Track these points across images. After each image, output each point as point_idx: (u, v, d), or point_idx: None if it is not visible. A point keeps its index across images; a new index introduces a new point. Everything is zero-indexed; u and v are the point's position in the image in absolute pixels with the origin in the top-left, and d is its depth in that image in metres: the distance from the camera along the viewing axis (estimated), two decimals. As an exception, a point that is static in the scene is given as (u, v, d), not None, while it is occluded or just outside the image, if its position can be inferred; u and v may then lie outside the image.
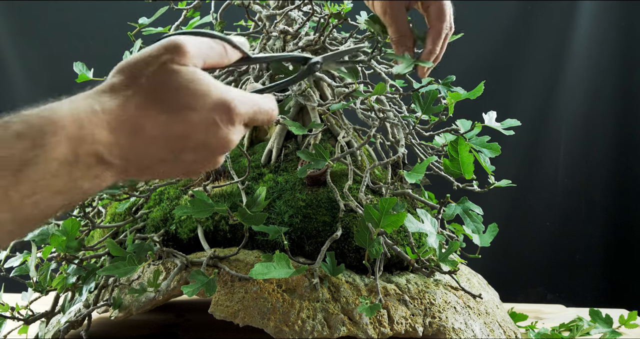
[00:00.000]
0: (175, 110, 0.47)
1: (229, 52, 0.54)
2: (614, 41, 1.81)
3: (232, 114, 0.49)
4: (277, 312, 0.76)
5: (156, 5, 1.04)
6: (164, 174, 0.50)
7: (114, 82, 0.47)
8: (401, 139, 0.91)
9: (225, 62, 0.54)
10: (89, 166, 0.43)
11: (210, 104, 0.48)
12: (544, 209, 1.88)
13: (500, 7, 1.83)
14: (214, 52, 0.52)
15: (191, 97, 0.47)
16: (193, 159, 0.49)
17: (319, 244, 0.84)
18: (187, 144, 0.48)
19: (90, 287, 0.87)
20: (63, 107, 0.44)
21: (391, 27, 0.78)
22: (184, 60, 0.48)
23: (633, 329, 0.95)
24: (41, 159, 0.41)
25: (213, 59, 0.52)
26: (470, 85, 0.85)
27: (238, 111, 0.49)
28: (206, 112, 0.48)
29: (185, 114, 0.47)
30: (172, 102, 0.47)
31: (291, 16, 1.03)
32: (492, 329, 0.85)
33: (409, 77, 0.97)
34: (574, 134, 1.85)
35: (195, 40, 0.50)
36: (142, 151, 0.46)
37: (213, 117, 0.48)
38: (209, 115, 0.48)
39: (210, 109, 0.48)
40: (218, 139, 0.49)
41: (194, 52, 0.49)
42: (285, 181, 0.90)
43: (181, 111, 0.47)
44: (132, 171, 0.47)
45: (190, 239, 0.90)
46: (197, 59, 0.49)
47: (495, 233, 0.84)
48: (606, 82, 1.83)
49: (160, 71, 0.47)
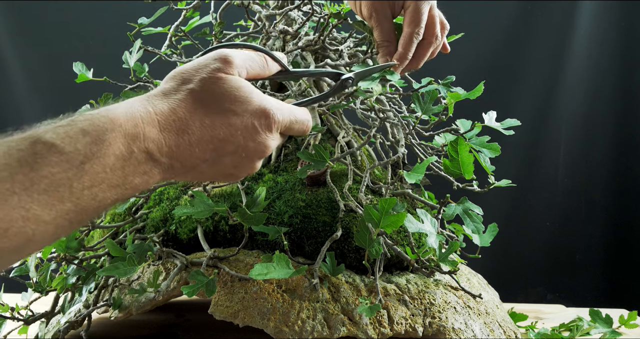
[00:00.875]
0: (219, 113, 0.51)
1: (270, 64, 0.60)
2: (614, 41, 1.81)
3: (271, 120, 0.53)
4: (277, 312, 0.76)
5: (156, 5, 1.04)
6: (206, 176, 0.54)
7: (165, 87, 0.52)
8: (401, 139, 0.91)
9: (266, 73, 0.59)
10: (140, 162, 0.47)
11: (251, 110, 0.52)
12: (544, 209, 1.88)
13: (500, 7, 1.83)
14: (256, 63, 0.57)
15: (234, 103, 0.52)
16: (233, 163, 0.53)
17: (319, 245, 0.84)
18: (228, 147, 0.52)
19: (90, 287, 0.87)
20: (120, 108, 0.48)
21: (376, 31, 0.80)
22: (230, 69, 0.53)
23: (633, 329, 0.95)
24: (101, 154, 0.45)
25: (255, 70, 0.57)
26: (470, 85, 0.85)
27: (276, 118, 0.54)
28: (247, 117, 0.52)
29: (228, 117, 0.51)
30: (216, 106, 0.51)
31: (291, 16, 1.03)
32: (492, 329, 0.85)
33: (409, 77, 0.97)
34: (574, 134, 1.85)
35: (240, 53, 0.56)
36: (187, 151, 0.50)
37: (253, 122, 0.52)
38: (249, 120, 0.52)
39: (251, 115, 0.52)
40: (256, 143, 0.53)
41: (239, 62, 0.54)
42: (285, 181, 0.90)
43: (225, 114, 0.51)
44: (178, 170, 0.51)
45: (190, 240, 0.90)
46: (241, 69, 0.55)
47: (495, 233, 0.84)
48: (606, 82, 1.83)
49: (208, 78, 0.52)
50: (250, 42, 1.10)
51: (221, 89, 0.52)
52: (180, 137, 0.49)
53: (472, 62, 1.83)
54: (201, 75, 0.52)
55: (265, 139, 0.54)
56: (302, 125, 0.58)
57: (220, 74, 0.52)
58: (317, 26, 0.98)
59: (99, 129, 0.45)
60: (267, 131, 0.54)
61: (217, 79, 0.52)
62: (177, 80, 0.52)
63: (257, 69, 0.57)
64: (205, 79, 0.52)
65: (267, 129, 0.53)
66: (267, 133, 0.54)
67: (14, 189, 0.40)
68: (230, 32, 1.05)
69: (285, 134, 0.58)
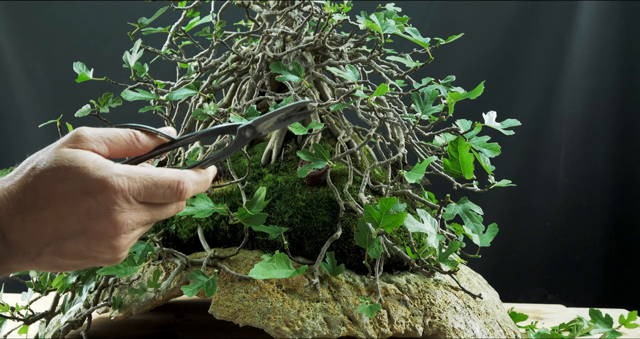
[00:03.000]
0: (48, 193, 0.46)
1: (141, 138, 0.53)
2: (614, 41, 1.81)
3: (110, 191, 0.46)
4: (277, 312, 0.76)
5: (156, 5, 1.04)
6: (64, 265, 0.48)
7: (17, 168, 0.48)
8: (401, 139, 0.91)
9: (138, 148, 0.53)
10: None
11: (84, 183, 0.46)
12: (544, 209, 1.88)
13: (500, 7, 1.83)
14: (119, 138, 0.51)
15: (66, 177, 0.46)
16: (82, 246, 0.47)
17: (319, 244, 0.84)
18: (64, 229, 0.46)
19: (90, 287, 0.87)
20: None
21: None
22: (76, 143, 0.48)
23: (633, 329, 0.95)
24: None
25: (120, 144, 0.51)
26: (470, 85, 0.85)
27: (118, 186, 0.47)
28: (79, 194, 0.46)
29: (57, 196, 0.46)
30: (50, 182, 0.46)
31: (291, 16, 1.03)
32: (492, 329, 0.85)
33: (409, 77, 0.98)
34: (574, 134, 1.85)
35: (97, 129, 0.50)
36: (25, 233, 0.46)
37: (86, 197, 0.46)
38: (81, 196, 0.46)
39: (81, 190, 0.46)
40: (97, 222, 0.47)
41: (91, 137, 0.49)
42: (285, 181, 0.90)
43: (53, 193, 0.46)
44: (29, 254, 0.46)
45: (190, 239, 0.90)
46: (96, 144, 0.49)
47: (495, 233, 0.84)
48: (606, 82, 1.83)
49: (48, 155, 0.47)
50: (250, 42, 1.10)
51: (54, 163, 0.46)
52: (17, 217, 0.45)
53: (472, 62, 1.83)
54: (42, 155, 0.47)
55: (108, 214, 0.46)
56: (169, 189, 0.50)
57: (61, 149, 0.47)
58: (317, 26, 0.98)
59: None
60: (109, 204, 0.46)
61: (56, 154, 0.47)
62: (26, 160, 0.48)
63: (123, 143, 0.51)
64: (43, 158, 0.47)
65: (108, 202, 0.46)
66: (108, 206, 0.46)
67: None
68: (230, 32, 1.05)
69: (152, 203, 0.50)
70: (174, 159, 1.01)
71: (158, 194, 0.49)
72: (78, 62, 0.97)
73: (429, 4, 1.83)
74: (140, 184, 0.48)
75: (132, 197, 0.48)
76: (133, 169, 0.48)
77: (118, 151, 0.51)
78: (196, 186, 0.53)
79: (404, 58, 0.94)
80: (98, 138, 0.49)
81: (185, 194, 0.51)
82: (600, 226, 1.87)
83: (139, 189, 0.48)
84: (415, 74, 0.95)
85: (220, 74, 1.01)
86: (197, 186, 0.53)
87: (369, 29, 0.93)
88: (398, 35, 0.90)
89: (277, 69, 0.87)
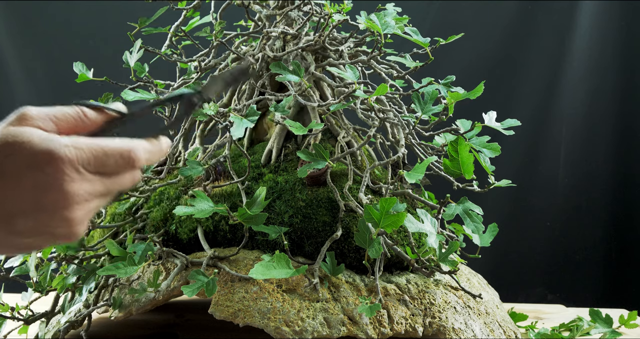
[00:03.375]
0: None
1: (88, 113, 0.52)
2: (614, 41, 1.81)
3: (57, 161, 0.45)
4: (277, 312, 0.76)
5: (156, 5, 1.04)
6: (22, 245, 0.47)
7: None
8: (401, 139, 0.91)
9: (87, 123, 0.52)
10: None
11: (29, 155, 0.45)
12: (544, 209, 1.88)
13: (500, 7, 1.83)
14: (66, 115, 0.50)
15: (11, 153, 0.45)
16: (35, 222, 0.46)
17: (319, 244, 0.84)
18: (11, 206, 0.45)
19: (90, 287, 0.87)
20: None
21: None
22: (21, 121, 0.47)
23: (633, 329, 0.95)
24: None
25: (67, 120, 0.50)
26: (470, 85, 0.85)
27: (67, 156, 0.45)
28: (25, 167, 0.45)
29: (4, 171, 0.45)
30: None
31: (291, 16, 1.03)
32: (492, 329, 0.85)
33: (409, 77, 0.98)
34: (574, 134, 1.85)
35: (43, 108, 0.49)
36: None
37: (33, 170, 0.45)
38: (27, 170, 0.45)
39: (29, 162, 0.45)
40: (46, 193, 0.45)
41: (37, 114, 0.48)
42: (285, 181, 0.90)
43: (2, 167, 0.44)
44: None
45: (190, 239, 0.90)
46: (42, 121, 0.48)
47: (495, 233, 0.84)
48: (606, 82, 1.83)
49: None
50: (250, 42, 1.10)
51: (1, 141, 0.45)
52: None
53: (472, 62, 1.83)
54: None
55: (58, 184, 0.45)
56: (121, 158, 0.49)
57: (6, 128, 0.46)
58: (317, 26, 0.98)
59: None
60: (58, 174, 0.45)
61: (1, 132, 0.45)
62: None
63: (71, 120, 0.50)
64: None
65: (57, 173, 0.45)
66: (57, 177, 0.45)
67: None
68: (230, 32, 1.05)
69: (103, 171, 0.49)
70: (174, 159, 1.01)
71: (109, 163, 0.49)
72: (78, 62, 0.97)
73: (429, 4, 1.83)
74: (89, 154, 0.47)
75: (82, 167, 0.47)
76: (80, 140, 0.47)
77: (65, 127, 0.50)
78: (148, 154, 0.52)
79: (404, 58, 0.94)
80: (44, 116, 0.48)
81: (137, 162, 0.50)
82: (600, 226, 1.87)
83: (88, 158, 0.47)
84: (415, 74, 0.95)
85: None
86: (150, 155, 0.52)
87: (369, 29, 0.93)
88: (398, 35, 0.90)
89: (277, 69, 0.87)
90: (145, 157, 0.51)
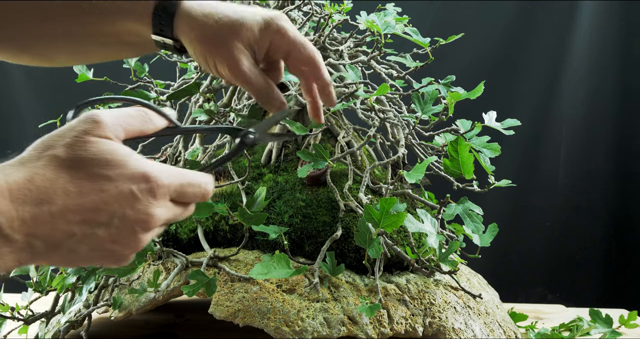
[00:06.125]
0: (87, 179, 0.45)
1: (152, 118, 0.53)
2: (614, 41, 1.81)
3: (153, 184, 0.47)
4: (277, 312, 0.76)
5: (156, 5, 1.04)
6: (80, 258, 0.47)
7: (23, 156, 0.46)
8: (401, 139, 0.91)
9: (150, 129, 0.53)
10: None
11: (127, 174, 0.46)
12: (544, 209, 1.88)
13: (500, 7, 1.83)
14: (135, 120, 0.51)
15: (106, 167, 0.46)
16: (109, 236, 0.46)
17: (319, 244, 0.84)
18: (99, 217, 0.45)
19: (90, 287, 0.87)
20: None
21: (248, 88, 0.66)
22: (101, 131, 0.47)
23: (633, 329, 0.95)
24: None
25: (135, 126, 0.51)
26: (470, 85, 0.85)
27: (160, 182, 0.47)
28: (122, 182, 0.46)
29: (99, 183, 0.45)
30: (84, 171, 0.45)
31: (291, 16, 1.03)
32: (492, 329, 0.85)
33: (409, 77, 0.98)
34: (574, 134, 1.85)
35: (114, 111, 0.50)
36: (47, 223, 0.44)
37: (130, 187, 0.46)
38: (125, 185, 0.46)
39: (127, 179, 0.46)
40: (136, 212, 0.46)
41: (111, 121, 0.48)
42: (285, 181, 0.90)
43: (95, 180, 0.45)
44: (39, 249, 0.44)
45: (190, 239, 0.90)
46: (116, 128, 0.48)
47: (495, 233, 0.84)
48: (606, 82, 1.83)
49: (74, 142, 0.46)
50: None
51: (90, 153, 0.45)
52: (37, 208, 0.43)
53: (472, 62, 1.83)
54: (66, 141, 0.45)
55: (147, 206, 0.47)
56: (198, 189, 0.51)
57: (88, 137, 0.46)
58: (317, 26, 0.98)
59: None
60: (150, 197, 0.47)
61: (85, 142, 0.45)
62: (38, 148, 0.46)
63: (137, 124, 0.51)
64: (70, 143, 0.45)
65: (149, 195, 0.47)
66: (149, 199, 0.47)
67: None
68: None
69: (179, 201, 0.50)
70: (174, 159, 1.01)
71: (189, 192, 0.50)
72: (78, 62, 0.97)
73: (429, 4, 1.83)
74: (176, 182, 0.49)
75: (169, 194, 0.49)
76: (167, 167, 0.49)
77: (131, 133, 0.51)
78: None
79: (404, 58, 0.94)
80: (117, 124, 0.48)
81: (208, 196, 0.52)
82: (600, 226, 1.87)
83: (175, 186, 0.49)
84: (415, 74, 0.95)
85: None
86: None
87: (369, 29, 0.93)
88: (398, 35, 0.90)
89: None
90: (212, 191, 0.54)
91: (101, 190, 0.45)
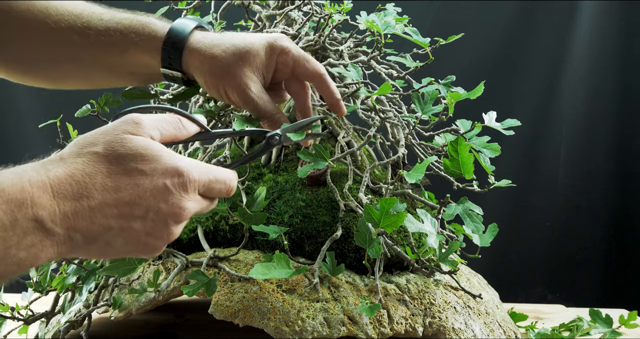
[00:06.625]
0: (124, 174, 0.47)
1: (186, 125, 0.56)
2: (614, 41, 1.81)
3: (185, 179, 0.49)
4: (277, 312, 0.76)
5: (156, 5, 1.04)
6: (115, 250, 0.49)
7: (64, 152, 0.48)
8: (401, 139, 0.91)
9: (183, 135, 0.56)
10: (26, 232, 0.42)
11: (161, 169, 0.48)
12: (544, 209, 1.88)
13: (500, 7, 1.83)
14: (170, 125, 0.54)
15: (141, 162, 0.48)
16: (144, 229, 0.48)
17: (319, 244, 0.84)
18: (136, 211, 0.47)
19: (90, 287, 0.87)
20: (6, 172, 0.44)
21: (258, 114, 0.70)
22: (139, 130, 0.49)
23: (633, 329, 0.95)
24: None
25: (169, 131, 0.54)
26: (470, 85, 0.85)
27: (192, 176, 0.50)
28: (157, 177, 0.48)
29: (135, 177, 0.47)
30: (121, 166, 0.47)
31: (291, 16, 1.03)
32: (492, 329, 0.85)
33: (409, 77, 0.98)
34: (574, 134, 1.85)
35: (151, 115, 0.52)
36: (87, 218, 0.45)
37: (164, 181, 0.48)
38: (159, 179, 0.48)
39: (161, 174, 0.48)
40: (169, 205, 0.49)
41: (149, 124, 0.51)
42: (285, 181, 0.90)
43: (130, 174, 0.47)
44: (78, 242, 0.45)
45: (190, 239, 0.90)
46: (153, 131, 0.51)
47: (495, 233, 0.84)
48: (606, 82, 1.83)
49: (115, 139, 0.48)
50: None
51: (126, 148, 0.48)
52: (77, 203, 0.44)
53: (472, 62, 1.83)
54: (107, 138, 0.48)
55: (180, 199, 0.49)
56: (224, 185, 0.54)
57: (127, 135, 0.48)
58: (317, 26, 0.98)
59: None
60: (182, 191, 0.49)
61: (124, 139, 0.48)
62: (79, 145, 0.48)
63: (172, 130, 0.54)
64: (110, 140, 0.48)
65: (182, 189, 0.49)
66: (182, 193, 0.49)
67: None
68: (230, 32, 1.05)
69: (206, 195, 0.53)
70: None
71: (215, 188, 0.53)
72: (78, 62, 0.97)
73: (429, 4, 1.83)
74: (206, 178, 0.52)
75: (199, 189, 0.51)
76: (196, 162, 0.52)
77: (166, 137, 0.54)
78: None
79: (404, 58, 0.94)
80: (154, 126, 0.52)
81: (232, 192, 0.56)
82: (600, 226, 1.87)
83: (205, 182, 0.52)
84: (415, 74, 0.95)
85: None
86: None
87: (369, 29, 0.93)
88: (398, 35, 0.90)
89: None
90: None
91: (137, 185, 0.47)
